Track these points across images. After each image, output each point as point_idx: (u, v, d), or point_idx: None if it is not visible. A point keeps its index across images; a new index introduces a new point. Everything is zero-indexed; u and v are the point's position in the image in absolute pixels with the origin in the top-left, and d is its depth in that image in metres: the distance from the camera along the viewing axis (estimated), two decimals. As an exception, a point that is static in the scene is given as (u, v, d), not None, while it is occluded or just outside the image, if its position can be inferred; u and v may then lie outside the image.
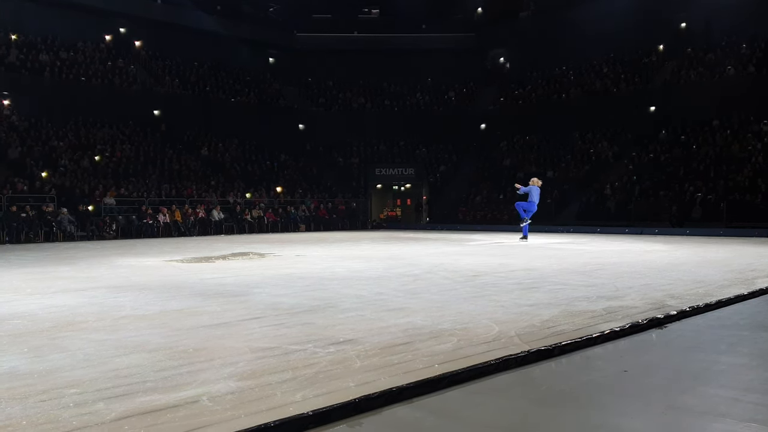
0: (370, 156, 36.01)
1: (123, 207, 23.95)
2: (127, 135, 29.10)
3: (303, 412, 2.85)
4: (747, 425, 2.84)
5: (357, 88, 38.48)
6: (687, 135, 27.86)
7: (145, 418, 2.84)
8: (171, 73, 33.26)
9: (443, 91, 38.59)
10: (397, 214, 35.69)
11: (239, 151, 32.60)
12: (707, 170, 24.94)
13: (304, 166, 34.38)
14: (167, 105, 31.31)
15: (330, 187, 33.15)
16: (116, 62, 31.30)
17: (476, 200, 31.36)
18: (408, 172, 34.93)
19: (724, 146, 25.87)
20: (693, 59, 30.44)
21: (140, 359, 3.93)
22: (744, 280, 7.77)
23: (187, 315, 5.57)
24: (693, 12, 31.22)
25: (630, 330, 4.79)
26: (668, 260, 10.78)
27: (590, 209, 26.47)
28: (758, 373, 3.72)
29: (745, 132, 26.02)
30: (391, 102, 37.84)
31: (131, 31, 33.27)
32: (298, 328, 4.87)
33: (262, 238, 21.91)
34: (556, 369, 3.89)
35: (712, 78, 28.83)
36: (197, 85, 33.63)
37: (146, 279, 8.58)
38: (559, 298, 6.37)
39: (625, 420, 2.97)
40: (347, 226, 30.08)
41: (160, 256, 12.97)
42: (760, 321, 5.44)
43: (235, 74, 36.17)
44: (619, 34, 32.19)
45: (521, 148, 33.70)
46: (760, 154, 24.15)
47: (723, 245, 14.84)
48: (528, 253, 12.74)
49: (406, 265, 10.20)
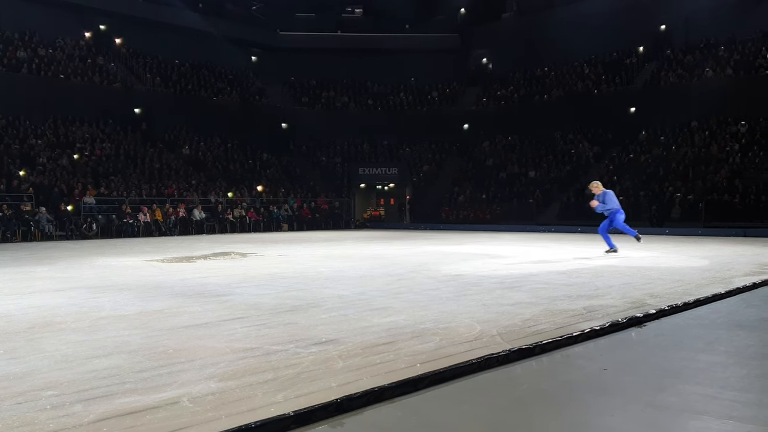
0: (353, 155, 35.99)
1: (103, 206, 23.69)
2: (107, 133, 28.79)
3: (284, 413, 2.84)
4: (724, 422, 2.88)
5: (340, 87, 38.43)
6: (666, 136, 28.21)
7: (125, 420, 2.82)
8: (152, 71, 32.96)
9: (426, 91, 38.67)
10: (380, 213, 35.70)
11: (221, 149, 32.40)
12: (686, 171, 25.25)
13: (286, 165, 34.26)
14: (148, 103, 31.00)
15: (313, 187, 33.06)
16: (96, 59, 30.95)
17: (459, 200, 31.47)
18: (391, 171, 34.96)
19: (702, 147, 26.22)
20: (672, 61, 30.81)
21: (120, 360, 3.89)
22: (722, 279, 7.87)
23: (167, 315, 5.52)
24: (672, 15, 31.61)
25: (610, 329, 4.84)
26: (648, 259, 10.89)
27: (571, 209, 26.67)
28: (735, 371, 3.77)
29: (723, 133, 26.41)
30: (375, 101, 37.84)
31: (112, 28, 32.89)
32: (281, 329, 4.85)
33: (244, 237, 21.80)
34: (537, 368, 3.91)
35: (690, 80, 29.19)
36: (179, 83, 33.36)
37: (126, 279, 8.50)
38: (541, 297, 6.40)
39: (604, 418, 3.00)
40: (330, 225, 30.04)
41: (141, 255, 12.86)
42: (737, 319, 5.51)
43: (217, 72, 35.95)
44: (600, 36, 32.48)
45: (503, 148, 33.88)
46: (737, 155, 24.50)
47: (701, 244, 15.02)
48: (510, 253, 12.80)
49: (389, 265, 10.20)
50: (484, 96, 37.36)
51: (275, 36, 38.99)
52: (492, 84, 37.79)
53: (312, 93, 38.08)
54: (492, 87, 37.52)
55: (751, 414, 2.97)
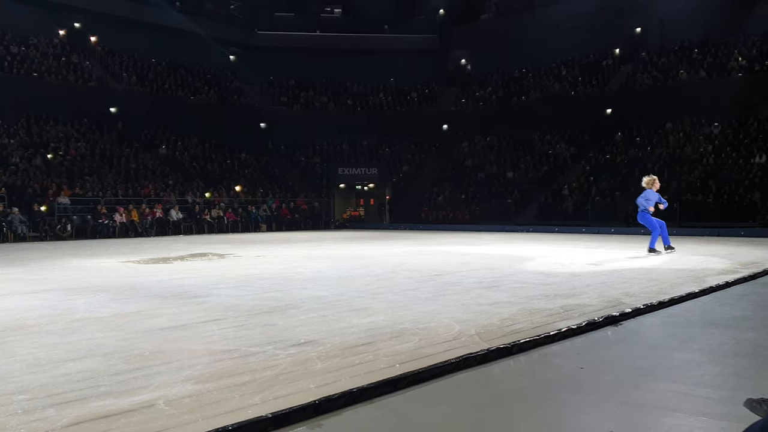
0: (332, 155, 35.90)
1: (77, 207, 23.35)
2: (82, 133, 28.39)
3: (262, 415, 2.82)
4: (697, 419, 2.92)
5: (319, 87, 38.31)
6: (642, 137, 28.56)
7: (99, 424, 2.78)
8: (128, 70, 32.56)
9: (406, 91, 38.70)
10: (360, 214, 35.66)
11: (198, 149, 32.11)
12: (661, 171, 25.47)
13: (265, 165, 34.08)
14: (124, 102, 30.59)
15: (292, 187, 32.92)
16: (71, 58, 30.51)
17: (439, 200, 31.56)
18: (371, 171, 34.94)
19: (677, 148, 26.59)
20: (647, 63, 31.21)
21: (94, 363, 3.83)
22: (696, 278, 7.98)
23: (143, 317, 5.46)
24: (647, 17, 31.99)
25: (586, 328, 4.88)
26: (624, 259, 11.02)
27: (548, 209, 26.89)
28: (708, 369, 3.83)
29: (696, 134, 26.82)
30: (354, 101, 37.79)
31: (87, 26, 32.41)
32: (259, 330, 4.82)
33: (221, 238, 21.65)
34: (515, 367, 3.93)
35: (665, 82, 29.59)
36: (155, 82, 33.00)
37: (101, 280, 8.40)
38: (518, 296, 6.45)
39: (581, 417, 3.02)
40: (310, 226, 29.93)
41: (117, 256, 12.71)
42: (710, 318, 5.60)
43: (194, 72, 35.63)
44: (577, 38, 32.73)
45: (482, 149, 34.05)
46: (710, 156, 24.89)
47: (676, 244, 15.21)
48: (488, 253, 12.87)
49: (368, 265, 10.20)
50: (463, 97, 37.52)
51: (254, 35, 38.75)
52: (471, 85, 37.95)
53: (291, 93, 37.91)
54: (471, 88, 37.69)
55: (724, 411, 3.01)
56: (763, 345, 4.49)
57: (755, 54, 27.63)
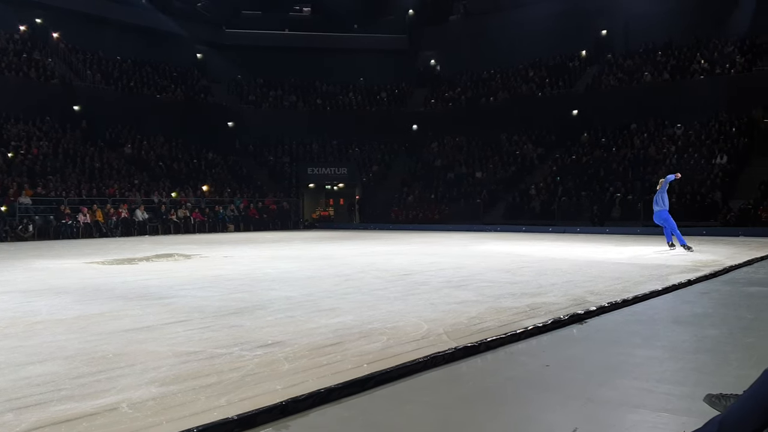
0: (302, 155, 35.72)
1: (40, 207, 22.84)
2: (44, 131, 27.76)
3: (227, 417, 2.79)
4: (659, 415, 2.97)
5: (288, 86, 38.08)
6: (607, 138, 29.03)
7: (59, 429, 2.72)
8: (92, 68, 31.94)
9: (375, 91, 38.72)
10: (329, 213, 35.56)
11: (165, 148, 31.64)
12: (626, 171, 26.05)
13: (233, 165, 33.73)
14: (88, 100, 29.99)
15: (260, 187, 32.66)
16: (32, 54, 29.81)
17: (408, 200, 31.64)
18: (341, 171, 34.86)
19: (641, 148, 27.10)
20: (613, 65, 31.74)
21: (56, 366, 3.75)
22: (659, 276, 8.14)
23: (107, 319, 5.37)
24: (613, 20, 32.54)
25: (552, 326, 4.95)
26: (589, 258, 11.18)
27: (516, 209, 27.16)
28: (670, 365, 3.91)
29: (660, 135, 27.38)
30: (324, 101, 37.66)
31: (49, 21, 31.69)
32: (225, 331, 4.77)
33: (188, 238, 21.39)
34: (482, 365, 3.96)
35: (630, 83, 30.13)
36: (121, 80, 32.43)
37: (64, 282, 8.23)
38: (486, 295, 6.50)
39: (547, 414, 3.06)
40: (278, 226, 29.74)
41: (80, 257, 12.46)
42: (673, 315, 5.72)
43: (161, 70, 35.09)
44: (544, 40, 33.14)
45: (451, 149, 34.24)
46: (674, 156, 25.41)
47: (640, 243, 15.51)
48: (457, 252, 12.95)
49: (337, 266, 10.18)
50: (433, 97, 37.69)
51: (221, 33, 38.37)
52: (440, 85, 38.15)
53: (259, 91, 37.61)
54: (440, 88, 37.88)
55: (685, 407, 3.08)
56: (724, 341, 4.60)
57: (716, 57, 28.33)
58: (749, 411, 2.29)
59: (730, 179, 23.30)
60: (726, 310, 5.93)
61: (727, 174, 23.40)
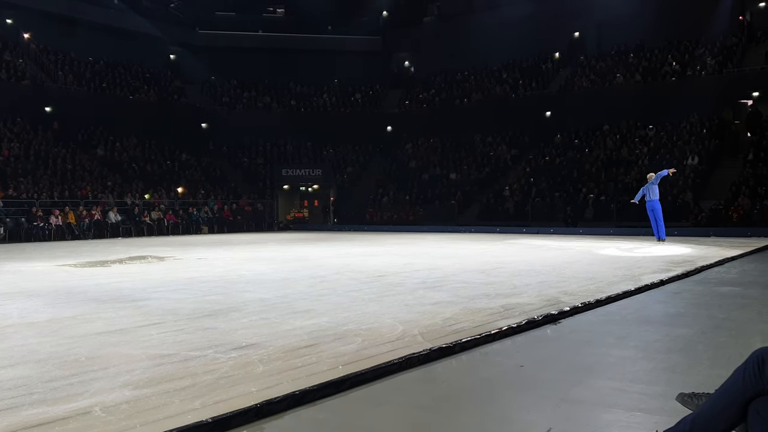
0: (276, 156, 35.56)
1: (11, 209, 22.44)
2: (15, 132, 27.28)
3: (202, 420, 2.77)
4: (632, 414, 3.02)
5: (262, 87, 37.88)
6: (580, 139, 29.38)
7: (30, 434, 2.68)
8: (64, 69, 31.44)
9: (350, 92, 38.69)
10: (304, 215, 35.42)
11: (138, 150, 31.27)
12: (599, 172, 26.36)
13: (206, 166, 33.45)
14: (60, 102, 29.52)
15: (234, 188, 32.44)
16: (3, 55, 29.24)
17: (383, 201, 31.67)
18: (315, 173, 34.75)
19: (614, 150, 27.46)
20: (586, 67, 32.12)
21: (27, 370, 3.70)
22: (632, 276, 8.25)
23: (80, 322, 5.30)
24: (586, 22, 32.93)
25: (526, 326, 4.99)
26: (563, 259, 11.29)
27: (490, 210, 27.34)
28: (643, 365, 3.97)
29: (632, 137, 27.76)
30: (298, 102, 37.53)
31: (20, 22, 31.15)
32: (199, 334, 4.74)
33: (162, 240, 21.16)
34: (457, 366, 3.99)
35: (603, 85, 30.51)
36: (93, 81, 31.96)
37: (36, 285, 8.09)
38: (461, 296, 6.53)
39: (522, 414, 3.09)
40: (253, 227, 29.57)
41: (52, 260, 12.26)
42: (645, 315, 5.81)
43: (133, 71, 34.65)
44: (518, 41, 33.41)
45: (425, 150, 34.36)
46: (646, 157, 25.78)
47: (613, 243, 15.72)
48: (431, 253, 12.99)
49: (313, 267, 10.15)
50: (407, 99, 37.78)
51: (195, 34, 38.02)
52: (414, 87, 38.26)
53: (233, 93, 37.35)
54: (414, 90, 37.99)
55: (658, 406, 3.12)
56: (695, 341, 4.67)
57: (687, 59, 28.81)
58: (720, 409, 2.34)
59: (702, 180, 23.70)
60: (698, 310, 6.02)
61: (698, 175, 23.80)
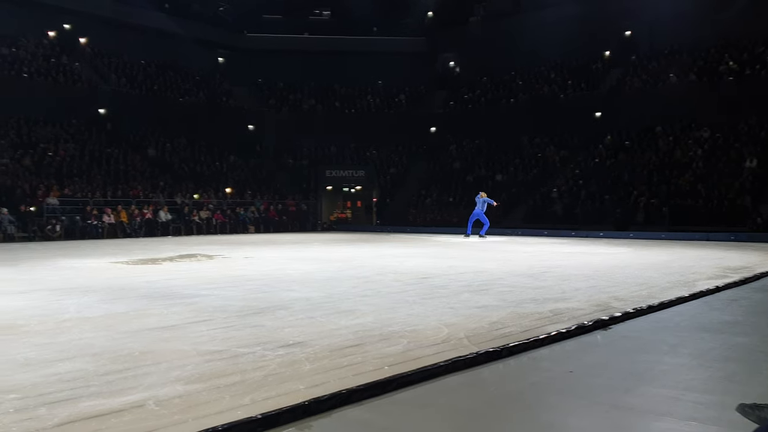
0: (320, 157, 35.85)
1: (66, 207, 23.20)
2: (71, 134, 28.20)
3: (252, 416, 2.82)
4: (687, 423, 2.94)
5: (307, 89, 38.24)
6: (631, 140, 28.66)
7: (89, 424, 2.77)
8: (117, 72, 32.38)
9: (394, 93, 38.70)
10: (347, 215, 35.62)
11: (187, 151, 31.97)
12: (650, 175, 25.69)
13: (253, 167, 33.98)
14: (113, 104, 30.39)
15: (280, 189, 32.85)
16: (60, 59, 30.31)
17: (426, 202, 31.57)
18: (359, 174, 34.89)
19: (666, 152, 26.70)
20: (637, 67, 31.36)
21: (84, 363, 3.82)
22: (685, 282, 8.02)
23: (132, 317, 5.44)
24: (637, 21, 32.14)
25: (576, 331, 4.90)
26: (613, 263, 11.06)
27: (537, 212, 26.95)
28: (697, 373, 3.85)
29: (686, 138, 26.90)
30: (342, 104, 37.75)
31: (76, 27, 32.22)
32: (247, 331, 4.81)
33: (210, 239, 21.57)
34: (504, 370, 3.95)
35: (655, 85, 29.71)
36: (145, 83, 32.84)
37: (91, 281, 8.34)
38: (508, 300, 6.46)
39: (571, 419, 3.04)
40: (297, 227, 29.87)
41: (105, 257, 12.62)
42: (700, 322, 5.63)
43: (183, 73, 35.47)
44: (566, 41, 32.83)
45: (470, 152, 34.11)
46: (700, 160, 24.99)
47: (665, 248, 15.32)
48: (477, 256, 12.89)
49: (356, 267, 10.19)
50: (451, 99, 37.55)
51: (242, 37, 38.65)
52: (459, 87, 37.98)
53: (279, 95, 37.84)
54: (459, 90, 37.72)
55: (714, 415, 3.03)
56: (755, 350, 4.51)
57: (746, 58, 27.74)
58: None
59: (761, 184, 22.76)
60: (756, 318, 5.80)
61: (757, 178, 22.87)
